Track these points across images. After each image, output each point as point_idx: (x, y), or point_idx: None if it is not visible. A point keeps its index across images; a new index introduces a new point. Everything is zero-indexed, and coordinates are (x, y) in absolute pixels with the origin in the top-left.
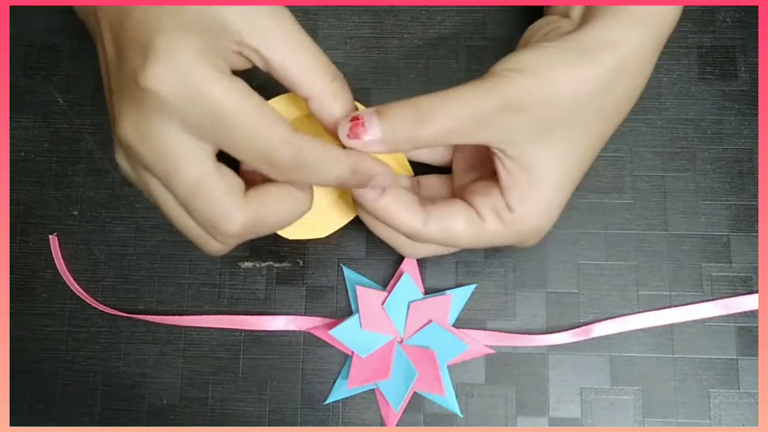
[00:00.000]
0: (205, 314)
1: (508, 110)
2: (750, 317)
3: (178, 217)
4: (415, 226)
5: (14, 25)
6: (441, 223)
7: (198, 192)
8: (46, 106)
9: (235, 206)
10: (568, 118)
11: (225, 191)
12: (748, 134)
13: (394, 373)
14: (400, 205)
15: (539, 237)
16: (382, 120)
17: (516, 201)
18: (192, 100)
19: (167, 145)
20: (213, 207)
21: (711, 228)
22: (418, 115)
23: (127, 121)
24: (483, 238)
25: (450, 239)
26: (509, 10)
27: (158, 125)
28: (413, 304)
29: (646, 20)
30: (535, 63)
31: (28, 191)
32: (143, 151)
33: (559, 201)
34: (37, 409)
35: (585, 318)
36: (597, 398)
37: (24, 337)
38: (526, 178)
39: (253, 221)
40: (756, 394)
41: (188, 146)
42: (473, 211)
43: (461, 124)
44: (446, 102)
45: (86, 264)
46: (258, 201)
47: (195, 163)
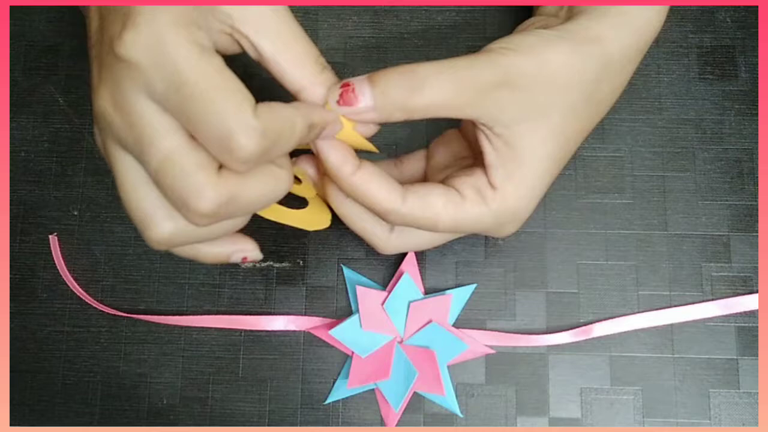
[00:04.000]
0: (205, 314)
1: (502, 85)
2: (750, 317)
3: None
4: (393, 204)
5: (14, 25)
6: (419, 200)
7: (169, 165)
8: (46, 106)
9: (208, 182)
10: (558, 102)
11: (197, 165)
12: (748, 134)
13: (394, 373)
14: (378, 180)
15: (518, 224)
16: (374, 86)
17: (500, 178)
18: (158, 66)
19: (139, 115)
20: (184, 182)
21: (711, 228)
22: (411, 83)
23: (103, 91)
24: (462, 220)
25: (428, 220)
26: (509, 10)
27: (130, 95)
28: (413, 304)
29: (632, 22)
30: (530, 43)
31: (28, 191)
32: (116, 122)
33: (540, 186)
34: (37, 409)
35: (585, 318)
36: (597, 398)
37: (24, 337)
38: (511, 157)
39: (226, 199)
40: (756, 394)
41: (160, 118)
42: (453, 191)
43: (455, 95)
44: (442, 71)
45: (86, 264)
46: (233, 178)
47: (167, 135)
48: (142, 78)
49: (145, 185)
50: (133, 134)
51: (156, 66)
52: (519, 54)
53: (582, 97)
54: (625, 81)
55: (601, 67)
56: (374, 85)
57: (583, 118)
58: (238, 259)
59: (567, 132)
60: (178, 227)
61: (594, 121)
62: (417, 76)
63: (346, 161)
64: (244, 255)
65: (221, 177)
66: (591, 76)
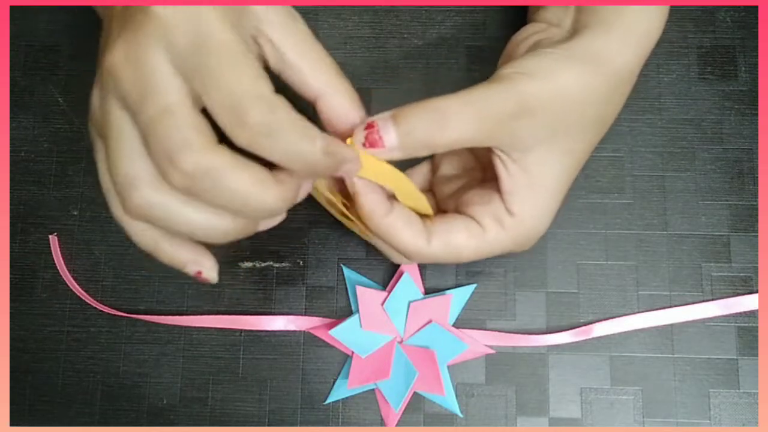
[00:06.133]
0: (205, 314)
1: (521, 114)
2: (750, 317)
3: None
4: (418, 247)
5: (14, 25)
6: (443, 239)
7: (166, 117)
8: (46, 106)
9: (199, 143)
10: (572, 124)
11: (192, 125)
12: (748, 134)
13: (394, 373)
14: (405, 225)
15: (533, 241)
16: (398, 126)
17: (517, 205)
18: (187, 22)
19: (151, 68)
20: (176, 134)
21: (711, 228)
22: (436, 121)
23: (118, 48)
24: (484, 250)
25: (452, 256)
26: (509, 10)
27: (147, 50)
28: (413, 304)
29: (635, 35)
30: (543, 68)
31: (28, 191)
32: (124, 76)
33: (555, 205)
34: (37, 409)
35: (585, 318)
36: (597, 398)
37: (24, 337)
38: (528, 182)
39: (209, 167)
40: (756, 394)
41: (171, 77)
42: (474, 223)
43: (479, 130)
44: (463, 105)
45: (86, 264)
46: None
47: (173, 91)
48: (165, 32)
49: (136, 150)
50: (138, 86)
51: (185, 22)
52: (533, 79)
53: (593, 116)
54: (628, 92)
55: (611, 86)
56: (399, 124)
57: (593, 134)
58: (192, 271)
59: (579, 150)
60: (162, 199)
61: (602, 135)
62: (440, 113)
63: (380, 205)
64: (199, 269)
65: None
66: (602, 96)
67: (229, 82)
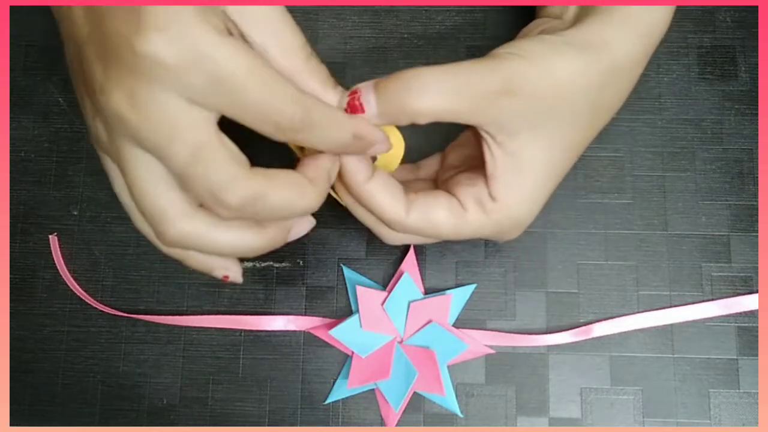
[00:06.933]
0: (205, 314)
1: (505, 93)
2: (750, 317)
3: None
4: (398, 215)
5: (14, 25)
6: (423, 212)
7: (200, 158)
8: (46, 106)
9: (239, 174)
10: (562, 110)
11: (228, 158)
12: (748, 134)
13: (394, 373)
14: (386, 191)
15: (519, 230)
16: (378, 93)
17: (500, 190)
18: (195, 64)
19: (167, 113)
20: (215, 174)
21: (711, 228)
22: (413, 89)
23: (117, 92)
24: (463, 229)
25: (431, 229)
26: (509, 10)
27: (156, 93)
28: (413, 304)
29: (638, 25)
30: (535, 51)
31: (28, 191)
32: (137, 121)
33: (541, 194)
34: (37, 409)
35: (585, 318)
36: (597, 398)
37: (24, 337)
38: (512, 167)
39: (254, 195)
40: (756, 394)
41: (189, 113)
42: (456, 201)
43: (457, 101)
44: (444, 74)
45: (86, 264)
46: (263, 176)
47: (197, 130)
48: (170, 75)
49: (163, 182)
50: (156, 131)
51: (191, 63)
52: (524, 60)
53: (586, 104)
54: (631, 85)
55: (607, 74)
56: (379, 92)
57: (586, 124)
58: (219, 274)
59: (570, 139)
60: (195, 227)
61: (599, 127)
62: (420, 81)
63: (360, 170)
64: (227, 273)
65: (252, 172)
66: (596, 83)
67: (261, 104)
